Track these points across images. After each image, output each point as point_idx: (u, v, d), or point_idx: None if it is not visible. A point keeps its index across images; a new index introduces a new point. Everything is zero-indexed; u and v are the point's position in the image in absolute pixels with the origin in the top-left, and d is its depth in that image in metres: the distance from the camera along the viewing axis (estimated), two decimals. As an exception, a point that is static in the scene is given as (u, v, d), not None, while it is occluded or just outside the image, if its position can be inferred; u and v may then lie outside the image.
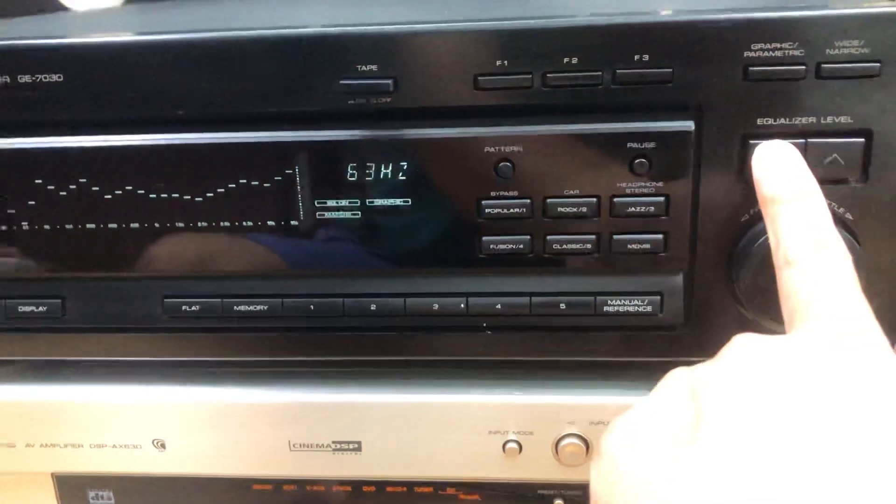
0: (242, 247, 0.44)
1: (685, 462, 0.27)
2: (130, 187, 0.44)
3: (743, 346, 0.31)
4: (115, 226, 0.44)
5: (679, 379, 0.32)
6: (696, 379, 0.31)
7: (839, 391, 0.27)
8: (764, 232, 0.38)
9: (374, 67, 0.40)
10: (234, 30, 0.41)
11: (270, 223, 0.44)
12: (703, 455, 0.27)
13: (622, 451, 0.30)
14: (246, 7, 0.66)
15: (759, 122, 0.40)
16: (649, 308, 0.44)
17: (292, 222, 0.44)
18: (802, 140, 0.39)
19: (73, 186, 0.44)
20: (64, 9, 0.88)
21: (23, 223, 0.45)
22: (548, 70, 0.40)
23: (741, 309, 0.43)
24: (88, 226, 0.45)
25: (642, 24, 0.39)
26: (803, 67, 0.38)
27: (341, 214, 0.43)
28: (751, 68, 0.39)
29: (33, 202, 0.44)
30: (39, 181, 0.44)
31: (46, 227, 0.45)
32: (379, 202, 0.43)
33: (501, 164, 0.41)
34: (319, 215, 0.43)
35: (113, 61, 0.42)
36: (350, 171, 0.42)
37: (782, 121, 0.39)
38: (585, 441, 0.47)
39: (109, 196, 0.44)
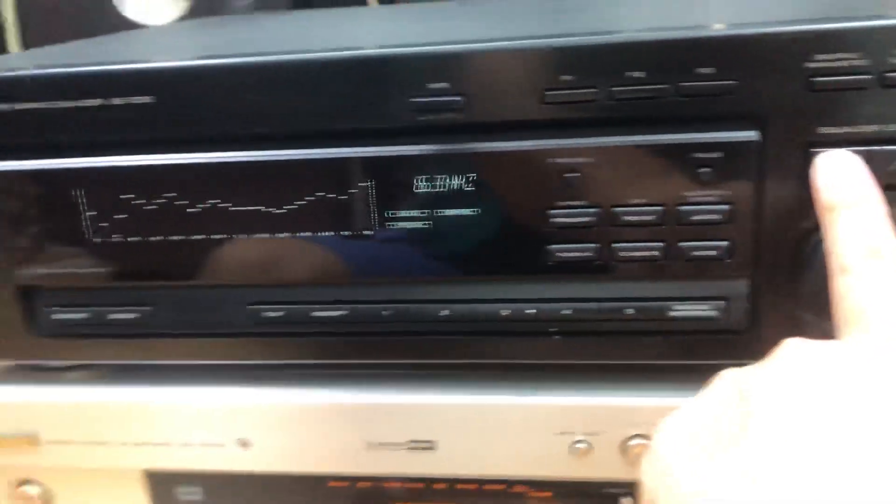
0: (320, 256, 0.47)
1: (732, 461, 0.28)
2: (215, 201, 0.46)
3: (793, 350, 0.31)
4: (200, 237, 0.47)
5: (728, 379, 0.32)
6: (745, 380, 0.31)
7: (890, 398, 0.27)
8: (827, 239, 0.38)
9: (445, 85, 0.42)
10: (310, 52, 0.43)
11: (346, 233, 0.46)
12: (750, 455, 0.27)
13: (670, 448, 0.31)
14: (302, 22, 0.68)
15: (822, 130, 0.40)
16: (714, 313, 0.45)
17: (366, 232, 0.45)
18: (866, 148, 0.39)
19: (161, 201, 0.46)
20: (135, 25, 0.92)
21: (114, 236, 0.47)
22: (613, 84, 0.41)
23: (804, 314, 0.43)
24: (175, 238, 0.47)
25: (706, 37, 0.40)
26: (868, 77, 0.39)
27: (413, 224, 0.45)
28: (814, 79, 0.39)
29: (124, 216, 0.47)
30: (130, 196, 0.46)
31: (136, 239, 0.47)
32: (449, 212, 0.44)
33: (568, 175, 0.43)
34: (392, 226, 0.45)
35: (200, 83, 0.44)
36: (421, 183, 0.44)
37: (846, 129, 0.40)
38: (652, 441, 0.48)
39: (195, 210, 0.46)
